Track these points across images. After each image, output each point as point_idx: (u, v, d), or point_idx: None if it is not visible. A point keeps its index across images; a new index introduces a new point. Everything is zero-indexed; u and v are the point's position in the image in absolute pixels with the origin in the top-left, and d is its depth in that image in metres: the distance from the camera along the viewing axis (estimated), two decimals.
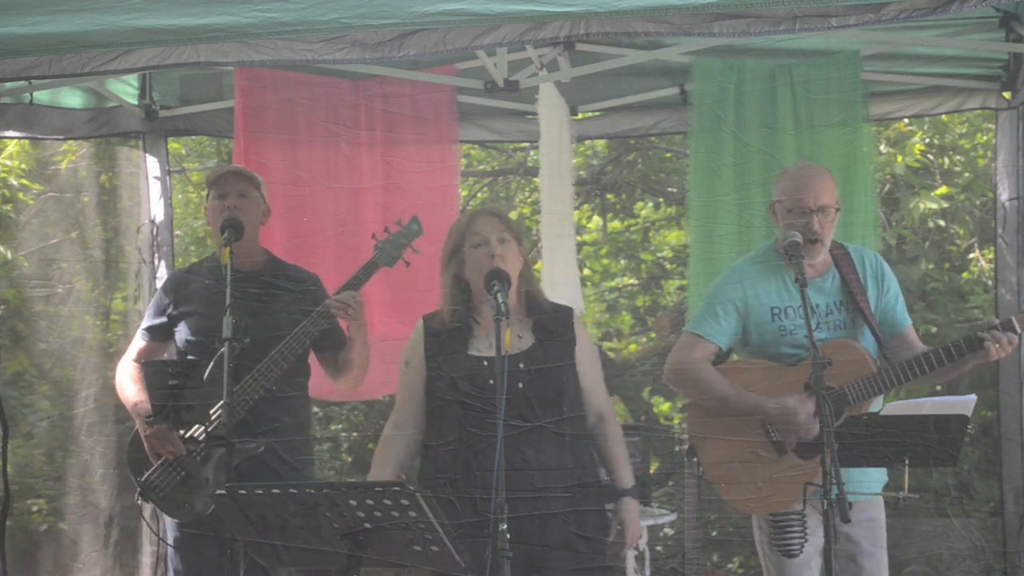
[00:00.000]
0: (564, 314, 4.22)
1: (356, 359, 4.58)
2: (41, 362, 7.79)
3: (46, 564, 7.42)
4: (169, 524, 4.66)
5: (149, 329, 4.75)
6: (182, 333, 4.65)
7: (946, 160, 8.17)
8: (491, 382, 3.95)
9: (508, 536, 3.51)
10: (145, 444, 4.46)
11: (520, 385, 3.93)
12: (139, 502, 4.53)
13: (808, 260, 4.25)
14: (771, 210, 4.48)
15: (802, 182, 4.36)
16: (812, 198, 4.30)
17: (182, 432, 4.39)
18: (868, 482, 4.29)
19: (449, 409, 4.05)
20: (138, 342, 4.78)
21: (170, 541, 4.66)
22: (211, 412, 4.34)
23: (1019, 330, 4.24)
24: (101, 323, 7.92)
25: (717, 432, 4.38)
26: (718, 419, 4.37)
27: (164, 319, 4.70)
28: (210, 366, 4.31)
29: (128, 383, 4.63)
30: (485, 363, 4.04)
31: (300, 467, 4.65)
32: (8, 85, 5.06)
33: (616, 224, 9.45)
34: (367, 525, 3.43)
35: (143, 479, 4.50)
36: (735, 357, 4.52)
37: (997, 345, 4.21)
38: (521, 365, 3.98)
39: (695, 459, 4.46)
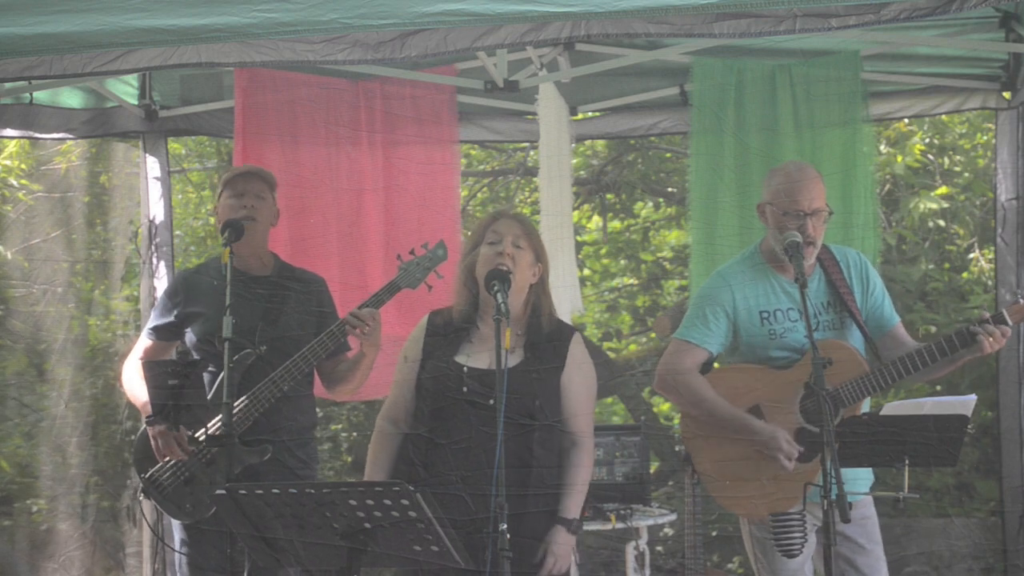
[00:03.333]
0: (562, 336, 4.18)
1: (360, 374, 4.60)
2: (40, 362, 7.79)
3: (27, 562, 7.44)
4: (175, 523, 4.67)
5: (156, 329, 4.74)
6: (190, 335, 4.65)
7: (946, 160, 8.18)
8: (465, 389, 4.02)
9: (508, 536, 3.52)
10: (152, 443, 4.46)
11: (491, 402, 3.92)
12: (140, 499, 4.54)
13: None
14: (760, 211, 4.45)
15: (796, 185, 4.32)
16: (807, 201, 4.27)
17: (189, 433, 4.39)
18: (857, 480, 4.29)
19: (457, 408, 4.06)
20: (144, 341, 4.78)
21: (176, 542, 4.66)
22: (215, 418, 4.34)
23: (1011, 322, 4.23)
24: (99, 322, 7.94)
25: (713, 432, 4.37)
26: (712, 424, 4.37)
27: (172, 319, 4.70)
28: (212, 390, 4.32)
29: (137, 382, 4.64)
30: (465, 370, 4.07)
31: (312, 465, 4.70)
32: (8, 85, 5.06)
33: (616, 224, 9.45)
34: (367, 525, 3.44)
35: (147, 475, 4.51)
36: (716, 365, 4.50)
37: (991, 338, 4.19)
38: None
39: (689, 466, 4.46)
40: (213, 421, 4.30)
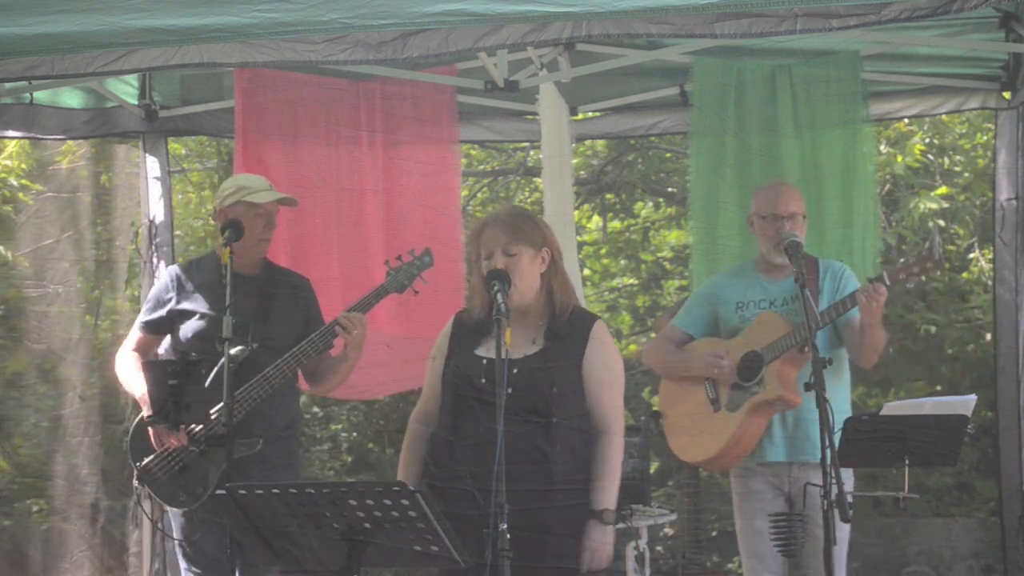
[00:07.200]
0: (583, 322, 4.18)
1: (342, 373, 4.72)
2: (41, 362, 7.80)
3: (39, 563, 7.45)
4: (174, 515, 4.69)
5: (148, 323, 4.78)
6: (184, 330, 4.68)
7: (946, 160, 8.18)
8: (483, 381, 4.02)
9: (508, 536, 3.53)
10: (151, 433, 4.51)
11: (510, 390, 3.92)
12: (135, 486, 4.60)
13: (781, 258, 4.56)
14: (750, 223, 4.85)
15: (772, 193, 4.79)
16: (783, 206, 4.71)
17: (183, 427, 4.45)
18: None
19: (465, 405, 4.07)
20: (135, 334, 4.82)
21: (175, 533, 4.69)
22: (211, 412, 4.38)
23: (888, 283, 4.43)
24: (99, 322, 7.95)
25: (677, 396, 4.90)
26: (676, 383, 4.90)
27: (164, 313, 4.73)
28: (212, 373, 4.35)
29: (133, 374, 4.67)
30: (484, 362, 4.08)
31: (294, 462, 4.79)
32: (8, 85, 5.07)
33: (616, 224, 9.45)
34: (367, 525, 3.44)
35: (142, 464, 4.57)
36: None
37: (866, 296, 4.44)
38: (515, 370, 3.98)
39: (661, 421, 4.99)
40: (213, 410, 4.36)
